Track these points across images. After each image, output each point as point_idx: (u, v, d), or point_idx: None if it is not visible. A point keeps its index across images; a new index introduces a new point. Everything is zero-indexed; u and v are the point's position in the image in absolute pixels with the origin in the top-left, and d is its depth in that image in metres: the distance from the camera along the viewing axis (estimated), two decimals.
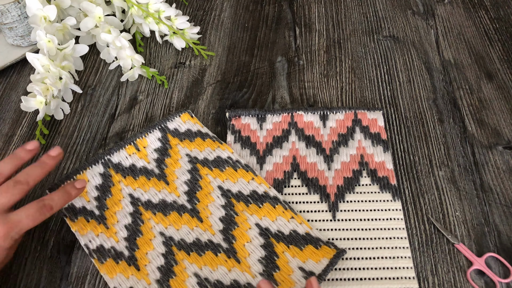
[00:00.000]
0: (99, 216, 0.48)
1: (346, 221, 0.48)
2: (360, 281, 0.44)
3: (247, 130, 0.56)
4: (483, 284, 0.44)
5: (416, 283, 0.43)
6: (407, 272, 0.44)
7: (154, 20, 0.64)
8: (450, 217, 0.49)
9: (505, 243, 0.47)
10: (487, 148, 0.55)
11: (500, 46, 0.67)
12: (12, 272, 0.46)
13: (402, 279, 0.44)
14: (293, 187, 0.51)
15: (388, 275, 0.44)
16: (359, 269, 0.44)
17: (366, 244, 0.46)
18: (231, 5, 0.75)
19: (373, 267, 0.44)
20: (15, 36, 0.65)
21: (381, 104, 0.59)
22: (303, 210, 0.49)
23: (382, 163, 0.52)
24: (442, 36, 0.69)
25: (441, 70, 0.64)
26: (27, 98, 0.55)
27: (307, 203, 0.49)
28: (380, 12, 0.73)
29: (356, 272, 0.44)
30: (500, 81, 0.62)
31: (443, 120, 0.58)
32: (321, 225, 0.48)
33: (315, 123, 0.56)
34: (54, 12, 0.58)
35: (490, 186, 0.51)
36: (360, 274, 0.44)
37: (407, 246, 0.46)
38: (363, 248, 0.46)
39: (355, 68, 0.64)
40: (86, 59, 0.66)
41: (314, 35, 0.70)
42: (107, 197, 0.49)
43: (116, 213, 0.48)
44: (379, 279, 0.44)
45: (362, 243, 0.46)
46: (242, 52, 0.67)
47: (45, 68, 0.56)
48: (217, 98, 0.61)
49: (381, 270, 0.44)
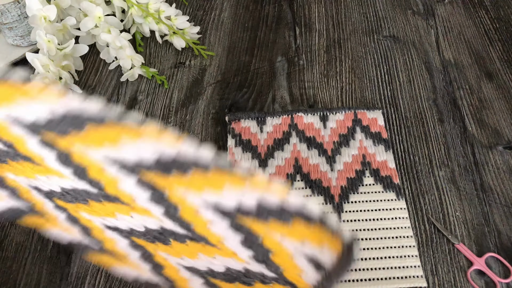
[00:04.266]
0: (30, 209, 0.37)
1: (351, 221, 0.48)
2: (368, 282, 0.44)
3: (247, 134, 0.55)
4: (483, 284, 0.44)
5: (424, 282, 0.43)
6: (415, 270, 0.44)
7: (154, 20, 0.64)
8: (450, 217, 0.49)
9: (505, 243, 0.47)
10: (487, 148, 0.55)
11: (500, 46, 0.67)
12: (12, 272, 0.46)
13: (410, 278, 0.44)
14: (297, 189, 0.51)
15: (396, 274, 0.44)
16: (367, 269, 0.44)
17: (372, 244, 0.46)
18: (231, 5, 0.75)
19: (380, 267, 0.44)
20: (15, 36, 0.65)
21: (381, 104, 0.59)
22: None
23: (384, 162, 0.52)
24: (442, 36, 0.69)
25: (441, 70, 0.64)
26: None
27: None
28: (380, 12, 0.73)
29: (364, 273, 0.44)
30: (500, 81, 0.62)
31: (443, 120, 0.58)
32: None
33: (316, 124, 0.56)
34: (54, 12, 0.58)
35: (490, 186, 0.51)
36: (368, 275, 0.44)
37: (414, 244, 0.46)
38: (370, 249, 0.46)
39: (355, 68, 0.64)
40: (86, 59, 0.66)
41: (314, 35, 0.70)
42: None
43: (38, 200, 0.36)
44: (387, 279, 0.44)
45: (369, 243, 0.46)
46: (242, 52, 0.67)
47: (45, 68, 0.56)
48: (217, 98, 0.61)
49: (389, 270, 0.44)
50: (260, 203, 0.30)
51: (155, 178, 0.31)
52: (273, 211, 0.30)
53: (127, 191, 0.32)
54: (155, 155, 0.29)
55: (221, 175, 0.30)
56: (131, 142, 0.29)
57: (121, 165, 0.31)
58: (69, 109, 0.28)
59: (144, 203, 0.32)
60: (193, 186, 0.30)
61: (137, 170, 0.31)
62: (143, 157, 0.30)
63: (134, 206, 0.33)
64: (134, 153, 0.30)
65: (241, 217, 0.30)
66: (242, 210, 0.30)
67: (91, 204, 0.34)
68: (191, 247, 0.33)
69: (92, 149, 0.30)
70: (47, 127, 0.29)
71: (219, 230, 0.31)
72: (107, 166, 0.31)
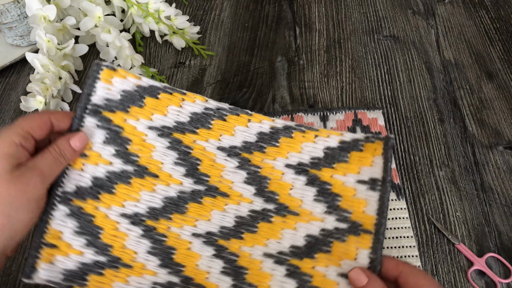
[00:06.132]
0: (110, 260, 0.36)
1: None
2: None
3: None
4: (483, 284, 0.44)
5: None
6: None
7: (154, 20, 0.64)
8: (451, 217, 0.49)
9: (506, 243, 0.47)
10: (487, 148, 0.55)
11: (501, 46, 0.67)
12: (12, 272, 0.46)
13: None
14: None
15: None
16: None
17: None
18: (231, 4, 0.75)
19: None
20: (14, 36, 0.65)
21: (382, 104, 0.59)
22: None
23: None
24: (443, 35, 0.68)
25: (441, 70, 0.64)
26: (26, 98, 0.55)
27: None
28: (381, 11, 0.73)
29: None
30: (500, 81, 0.62)
31: (443, 120, 0.58)
32: None
33: (316, 124, 0.56)
34: (53, 12, 0.58)
35: (490, 186, 0.51)
36: None
37: (414, 244, 0.46)
38: None
39: (355, 68, 0.64)
40: (86, 59, 0.66)
41: (314, 34, 0.70)
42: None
43: (126, 245, 0.37)
44: None
45: None
46: (242, 52, 0.67)
47: (45, 68, 0.56)
48: (217, 98, 0.61)
49: None
50: (326, 151, 0.39)
51: (251, 156, 0.40)
52: (336, 155, 0.39)
53: (227, 177, 0.39)
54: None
55: (299, 136, 0.40)
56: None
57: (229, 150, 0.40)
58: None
59: (239, 187, 0.39)
60: (281, 152, 0.40)
61: (236, 152, 0.40)
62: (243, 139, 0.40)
63: (230, 193, 0.38)
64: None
65: (315, 169, 0.38)
66: (314, 162, 0.39)
67: (191, 209, 0.38)
68: (275, 224, 0.37)
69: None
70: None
71: (298, 191, 0.38)
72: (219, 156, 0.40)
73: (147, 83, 0.40)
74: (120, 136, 0.39)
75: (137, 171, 0.38)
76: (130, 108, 0.39)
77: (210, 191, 0.39)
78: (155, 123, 0.39)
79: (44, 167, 0.34)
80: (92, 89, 0.39)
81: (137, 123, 0.39)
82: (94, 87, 0.39)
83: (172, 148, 0.39)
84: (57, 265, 0.35)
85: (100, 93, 0.39)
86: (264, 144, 0.40)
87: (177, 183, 0.39)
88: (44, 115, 0.36)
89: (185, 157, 0.39)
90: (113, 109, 0.39)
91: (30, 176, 0.33)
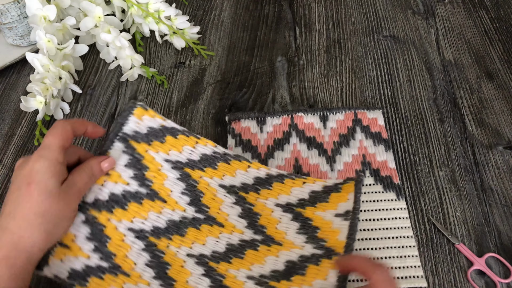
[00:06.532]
0: (111, 267, 0.41)
1: None
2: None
3: (247, 134, 0.55)
4: (483, 284, 0.44)
5: (424, 282, 0.43)
6: (415, 271, 0.44)
7: (154, 20, 0.64)
8: (451, 217, 0.49)
9: (506, 243, 0.47)
10: (487, 148, 0.55)
11: (501, 46, 0.67)
12: None
13: (411, 278, 0.44)
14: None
15: (396, 274, 0.44)
16: None
17: (373, 244, 0.46)
18: (231, 4, 0.75)
19: None
20: (14, 36, 0.65)
21: (381, 104, 0.59)
22: None
23: (384, 162, 0.52)
24: (443, 36, 0.69)
25: (441, 70, 0.64)
26: (26, 98, 0.55)
27: None
28: (380, 11, 0.73)
29: None
30: (500, 81, 0.62)
31: (443, 120, 0.58)
32: None
33: (316, 124, 0.56)
34: (53, 12, 0.58)
35: (490, 186, 0.51)
36: None
37: (414, 244, 0.46)
38: (370, 249, 0.46)
39: (355, 68, 0.64)
40: (86, 59, 0.66)
41: (314, 35, 0.70)
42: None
43: (128, 255, 0.41)
44: None
45: (369, 244, 0.46)
46: (242, 52, 0.67)
47: (45, 68, 0.56)
48: (217, 98, 0.61)
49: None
50: (311, 194, 0.46)
51: (247, 195, 0.46)
52: (319, 196, 0.45)
53: (224, 210, 0.45)
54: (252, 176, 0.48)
55: (290, 182, 0.47)
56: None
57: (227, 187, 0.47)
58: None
59: (233, 219, 0.45)
60: (273, 194, 0.46)
61: (235, 190, 0.47)
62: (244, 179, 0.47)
63: (226, 224, 0.45)
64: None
65: (300, 208, 0.45)
66: (300, 202, 0.45)
67: (189, 233, 0.44)
68: (261, 252, 0.43)
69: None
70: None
71: (284, 225, 0.44)
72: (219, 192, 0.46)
73: (170, 125, 0.47)
74: (140, 162, 0.45)
75: (149, 194, 0.44)
76: (152, 142, 0.46)
77: (208, 220, 0.45)
78: (171, 157, 0.46)
79: (81, 185, 0.40)
80: (125, 121, 0.46)
81: (156, 155, 0.46)
82: (127, 120, 0.46)
83: (182, 180, 0.46)
84: (66, 263, 0.40)
85: (131, 125, 0.46)
86: (259, 187, 0.47)
87: (181, 209, 0.45)
88: (66, 126, 0.40)
89: (191, 189, 0.46)
90: (139, 140, 0.46)
91: (72, 192, 0.39)
